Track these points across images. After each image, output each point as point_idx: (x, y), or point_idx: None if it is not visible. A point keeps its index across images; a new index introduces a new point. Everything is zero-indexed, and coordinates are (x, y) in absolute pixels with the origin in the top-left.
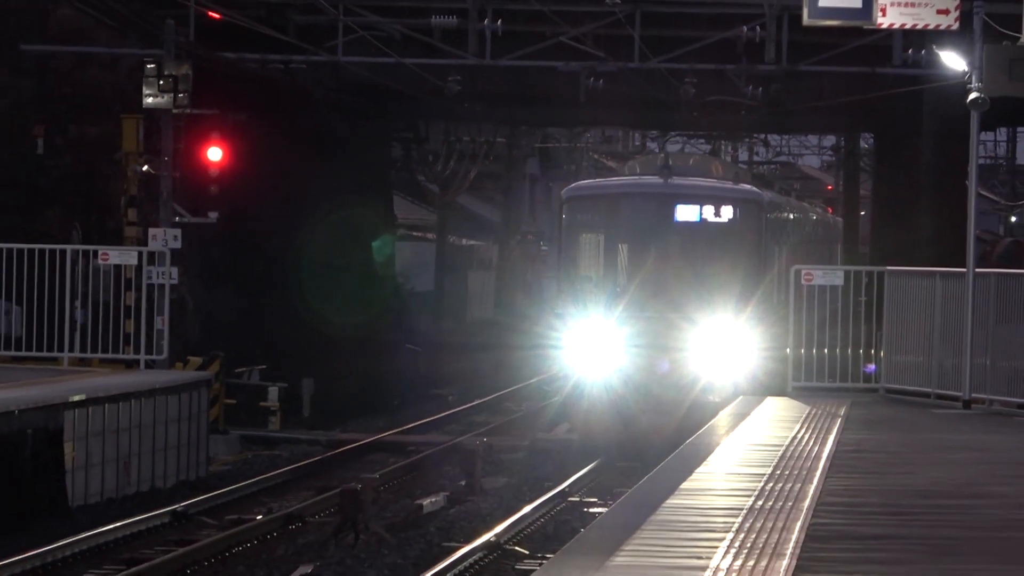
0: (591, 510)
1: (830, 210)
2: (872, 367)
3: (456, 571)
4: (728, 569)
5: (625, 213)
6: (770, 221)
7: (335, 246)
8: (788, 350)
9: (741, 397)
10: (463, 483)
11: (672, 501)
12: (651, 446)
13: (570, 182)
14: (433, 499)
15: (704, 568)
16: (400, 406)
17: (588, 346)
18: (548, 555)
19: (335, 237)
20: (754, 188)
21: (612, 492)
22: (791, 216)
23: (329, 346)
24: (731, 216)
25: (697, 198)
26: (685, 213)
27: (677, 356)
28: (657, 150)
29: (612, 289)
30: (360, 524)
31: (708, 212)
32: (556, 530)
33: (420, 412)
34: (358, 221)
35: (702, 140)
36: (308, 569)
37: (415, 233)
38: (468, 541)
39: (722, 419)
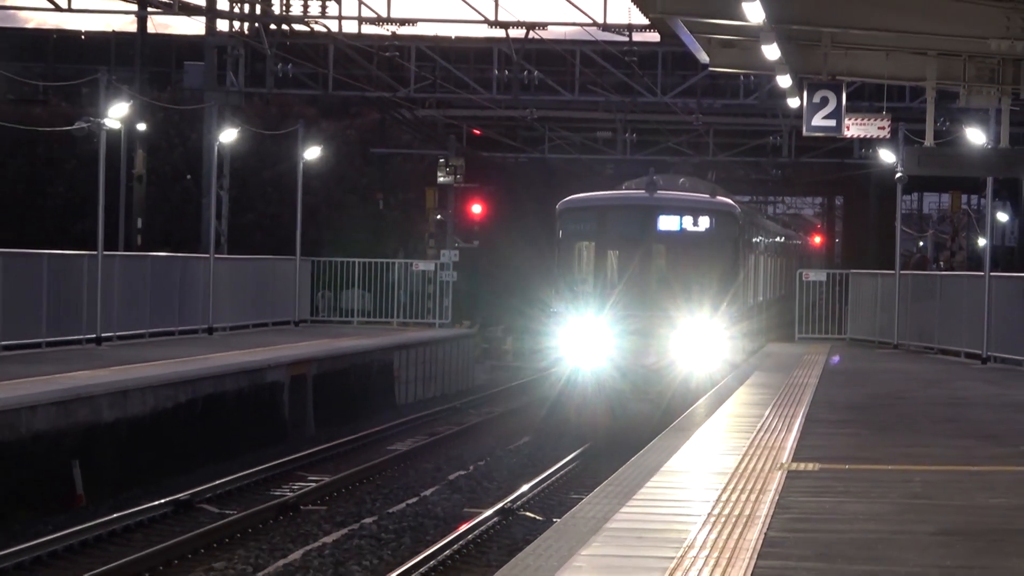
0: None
1: (820, 237)
2: (837, 358)
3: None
4: (761, 441)
5: (613, 223)
6: (744, 231)
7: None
8: (795, 313)
9: (769, 343)
10: None
11: (730, 400)
12: (636, 430)
13: None
14: None
15: (748, 440)
16: None
17: (580, 341)
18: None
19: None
20: (729, 201)
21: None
22: (767, 231)
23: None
24: (708, 226)
25: (678, 210)
26: (667, 223)
27: (659, 350)
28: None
29: (602, 290)
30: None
31: (687, 222)
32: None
33: None
34: None
35: (746, 198)
36: (528, 438)
37: None
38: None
39: (758, 356)
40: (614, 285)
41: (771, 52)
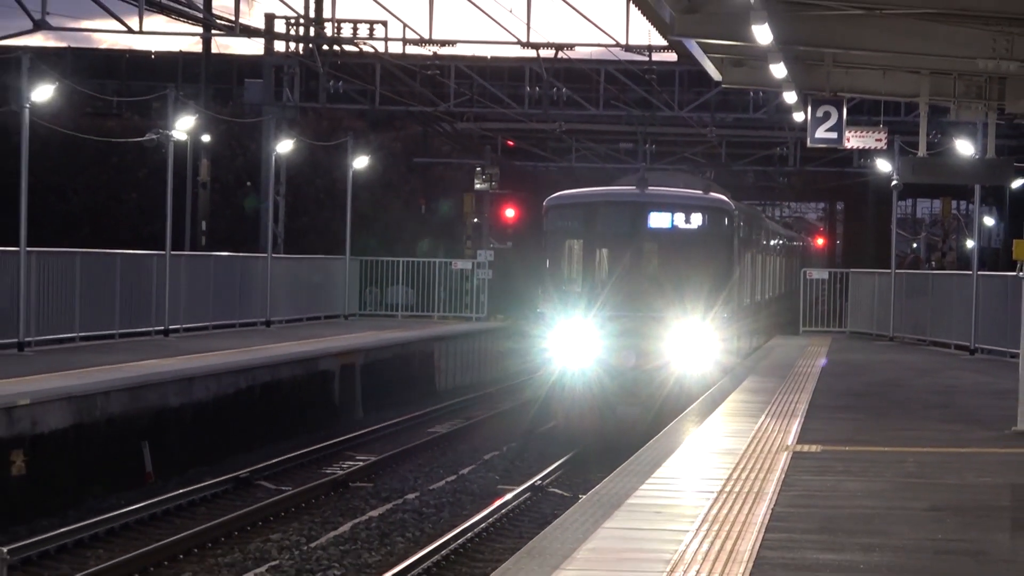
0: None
1: (823, 239)
2: (824, 360)
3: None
4: (768, 426)
5: (602, 220)
6: (739, 229)
7: None
8: (800, 309)
9: (775, 336)
10: None
11: (738, 389)
12: (628, 435)
13: None
14: None
15: (756, 425)
16: None
17: (568, 342)
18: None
19: None
20: (723, 197)
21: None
22: (766, 230)
23: None
24: (701, 223)
25: (669, 206)
26: (658, 220)
27: (650, 351)
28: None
29: (591, 290)
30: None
31: (679, 219)
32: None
33: None
34: None
35: (756, 203)
36: (555, 422)
37: None
38: None
39: (767, 347)
40: (603, 284)
41: (778, 71)
